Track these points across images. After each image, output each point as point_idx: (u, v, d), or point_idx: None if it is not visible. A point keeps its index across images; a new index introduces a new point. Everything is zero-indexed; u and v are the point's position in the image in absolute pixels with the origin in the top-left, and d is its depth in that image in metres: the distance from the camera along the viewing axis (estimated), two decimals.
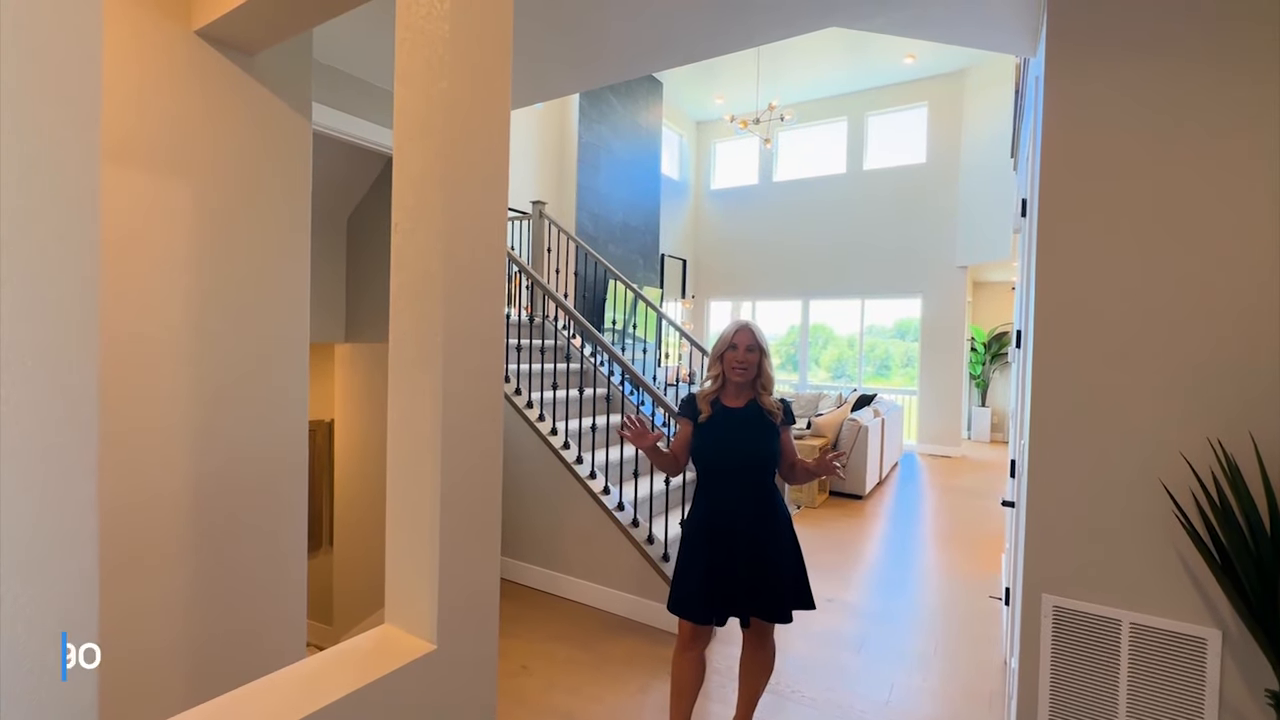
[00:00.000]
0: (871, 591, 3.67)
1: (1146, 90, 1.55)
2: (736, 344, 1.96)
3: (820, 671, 2.73)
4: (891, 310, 9.30)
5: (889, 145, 8.66)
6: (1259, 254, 1.43)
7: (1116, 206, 1.59)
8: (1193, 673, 1.51)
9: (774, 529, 1.94)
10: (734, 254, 9.67)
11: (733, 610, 1.96)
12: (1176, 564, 1.53)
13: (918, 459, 8.06)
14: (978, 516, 5.34)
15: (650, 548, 3.14)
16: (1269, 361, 1.42)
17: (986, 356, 9.56)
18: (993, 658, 2.86)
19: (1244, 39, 1.44)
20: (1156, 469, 1.53)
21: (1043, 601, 1.68)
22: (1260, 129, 1.43)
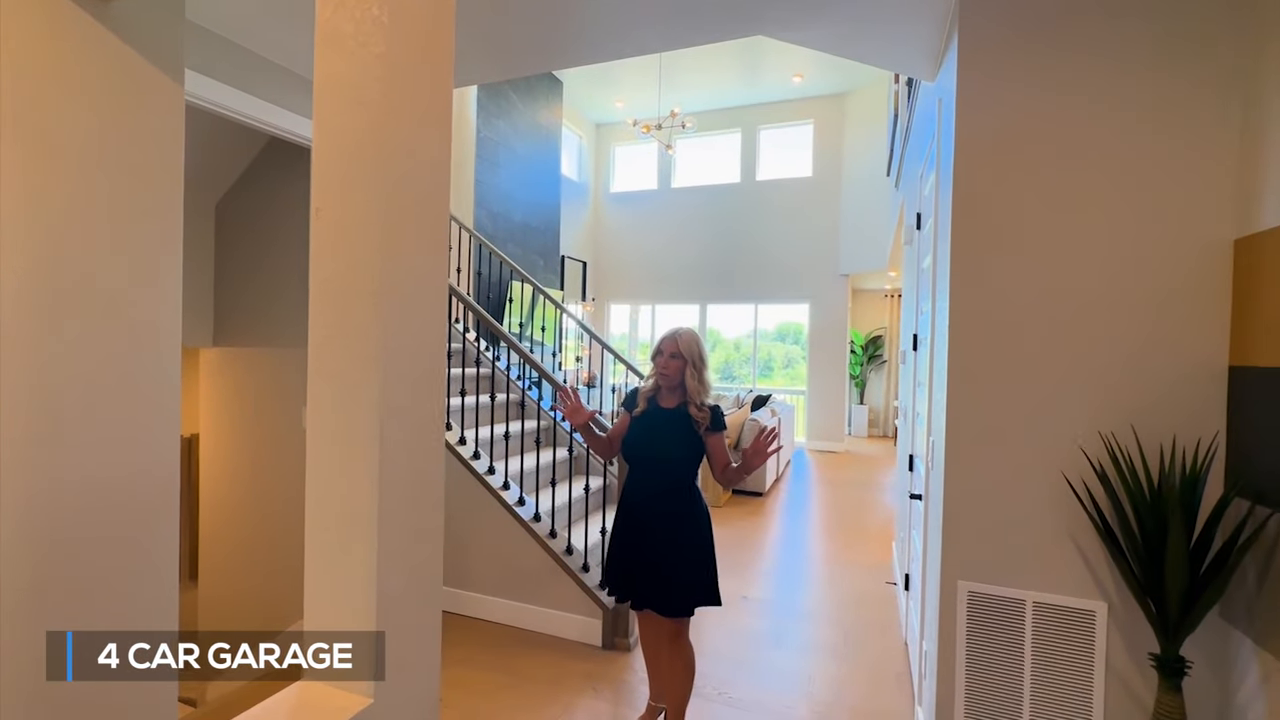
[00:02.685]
0: (781, 586, 3.80)
1: (1048, 116, 1.71)
2: (662, 349, 2.09)
3: (744, 670, 2.77)
4: (780, 315, 9.81)
5: (779, 158, 9.14)
6: (1139, 270, 1.62)
7: (1020, 223, 1.74)
8: (1084, 642, 1.68)
9: (680, 525, 2.04)
10: (634, 258, 9.75)
11: (643, 596, 2.07)
12: (1071, 547, 1.70)
13: (807, 455, 8.56)
14: (865, 507, 5.74)
15: (569, 558, 3.04)
16: (1146, 363, 1.61)
17: (864, 358, 10.38)
18: (895, 641, 3.06)
19: (1148, 93, 1.63)
20: (1058, 462, 1.69)
21: (959, 588, 1.80)
22: (1151, 165, 1.63)
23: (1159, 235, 1.61)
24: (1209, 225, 1.56)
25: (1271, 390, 1.40)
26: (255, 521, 3.19)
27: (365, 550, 0.96)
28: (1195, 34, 1.57)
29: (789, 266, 8.88)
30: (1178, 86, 1.59)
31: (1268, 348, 1.41)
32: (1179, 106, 1.59)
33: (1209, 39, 1.56)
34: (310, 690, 1.00)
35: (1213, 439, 1.54)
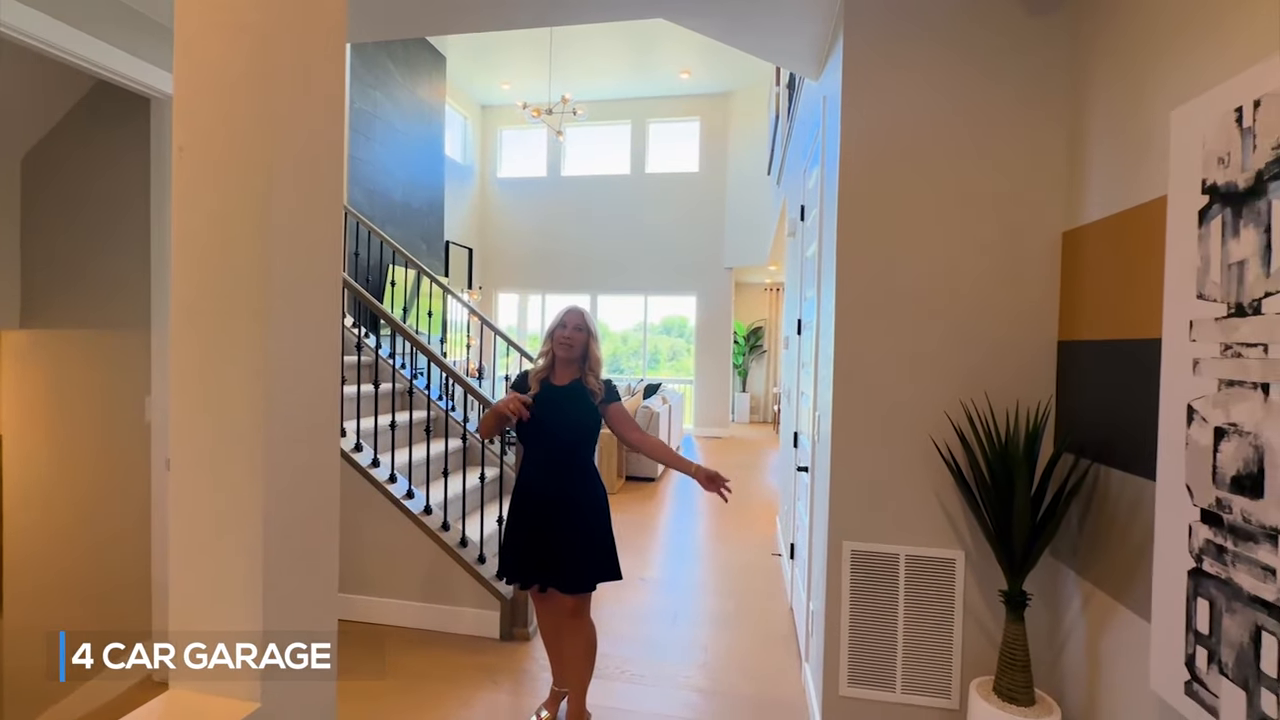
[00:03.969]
0: (676, 565, 3.92)
1: (922, 118, 1.88)
2: (566, 323, 2.11)
3: (643, 647, 2.82)
4: (667, 308, 10.05)
5: (668, 153, 9.35)
6: (992, 259, 1.84)
7: (897, 216, 1.91)
8: (946, 586, 1.90)
9: (580, 501, 2.07)
10: (523, 246, 9.52)
11: (545, 577, 2.06)
12: (937, 505, 1.90)
13: (695, 441, 8.88)
14: (750, 487, 6.07)
15: (464, 551, 2.91)
16: (997, 339, 1.84)
17: (746, 348, 10.94)
18: (781, 607, 3.27)
19: (1002, 106, 1.84)
20: (927, 428, 1.88)
21: (843, 548, 1.96)
22: (1003, 166, 1.84)
23: (1008, 228, 1.84)
24: (1046, 220, 1.81)
25: (1088, 360, 1.65)
26: (80, 534, 2.73)
27: (247, 543, 0.85)
28: (1037, 62, 1.81)
29: (677, 259, 9.12)
30: (1024, 101, 1.82)
31: (1086, 324, 1.67)
32: (1024, 117, 1.82)
33: (1047, 66, 1.80)
34: (181, 699, 0.87)
35: (1046, 403, 1.79)
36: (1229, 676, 1.12)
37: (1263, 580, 1.04)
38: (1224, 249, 1.13)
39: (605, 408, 2.13)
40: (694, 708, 2.36)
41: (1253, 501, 1.07)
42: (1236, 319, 1.11)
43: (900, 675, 1.93)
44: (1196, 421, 1.20)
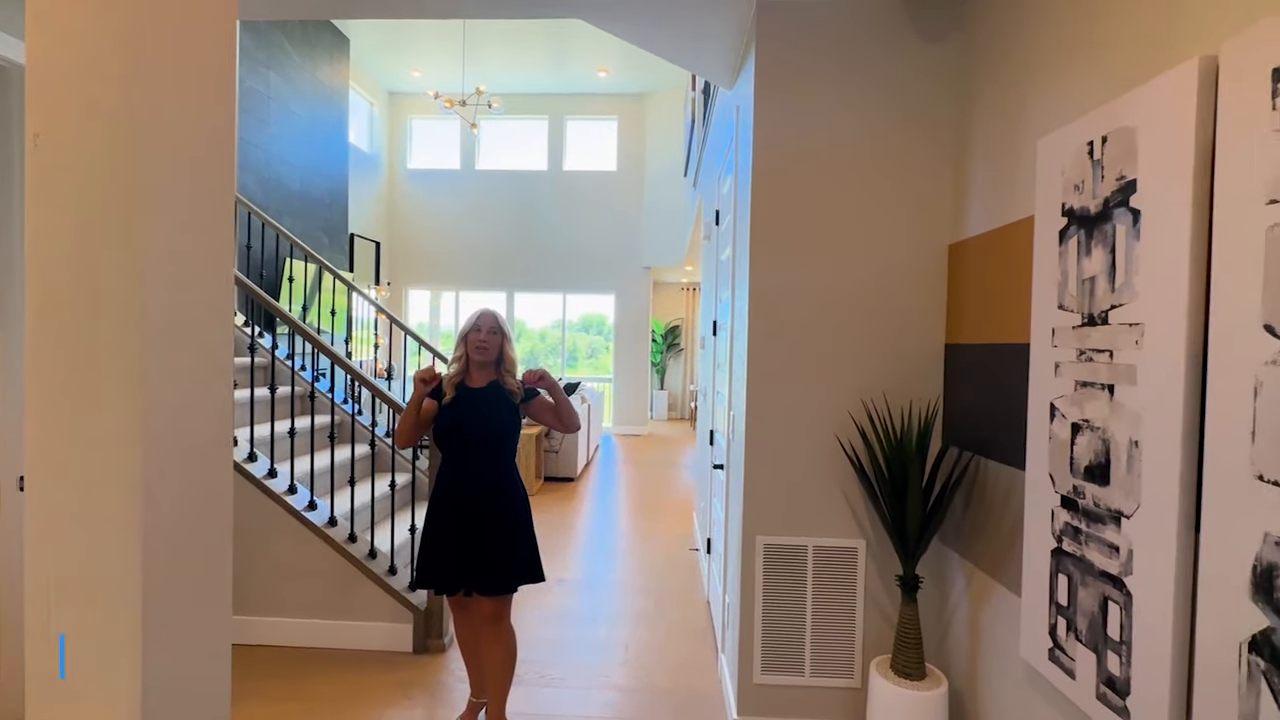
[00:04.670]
0: (594, 565, 3.92)
1: (830, 134, 1.99)
2: (480, 326, 2.08)
3: (562, 650, 2.81)
4: (586, 306, 10.03)
5: (586, 150, 9.31)
6: (890, 269, 1.98)
7: (807, 226, 2.01)
8: (849, 574, 2.03)
9: (502, 502, 2.05)
10: (435, 240, 9.17)
11: (467, 582, 2.03)
12: (841, 498, 2.02)
13: (614, 439, 8.92)
14: (668, 484, 6.18)
15: (373, 563, 2.78)
16: (895, 343, 1.99)
17: (664, 346, 11.12)
18: (699, 601, 3.36)
19: (899, 130, 1.97)
20: (833, 426, 2.00)
21: (756, 542, 2.05)
22: (899, 184, 1.98)
23: (904, 240, 1.98)
24: (935, 233, 1.97)
25: (971, 361, 1.82)
26: None
27: (122, 585, 0.77)
28: (930, 86, 1.96)
29: (596, 257, 9.11)
30: (919, 121, 1.97)
31: (969, 329, 1.83)
32: (918, 137, 1.97)
33: (939, 90, 1.96)
34: None
35: (935, 402, 1.95)
36: (1083, 642, 1.27)
37: (1109, 557, 1.19)
38: (1079, 266, 1.28)
39: (527, 405, 2.13)
40: (615, 706, 2.38)
41: (1101, 488, 1.22)
42: (1089, 328, 1.26)
43: (809, 660, 2.04)
44: (1058, 418, 1.35)
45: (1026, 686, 1.51)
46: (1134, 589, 1.13)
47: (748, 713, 2.06)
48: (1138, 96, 1.13)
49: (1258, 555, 0.90)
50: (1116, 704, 1.17)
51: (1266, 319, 0.89)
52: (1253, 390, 0.91)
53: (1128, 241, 1.15)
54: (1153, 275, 1.09)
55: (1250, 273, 0.91)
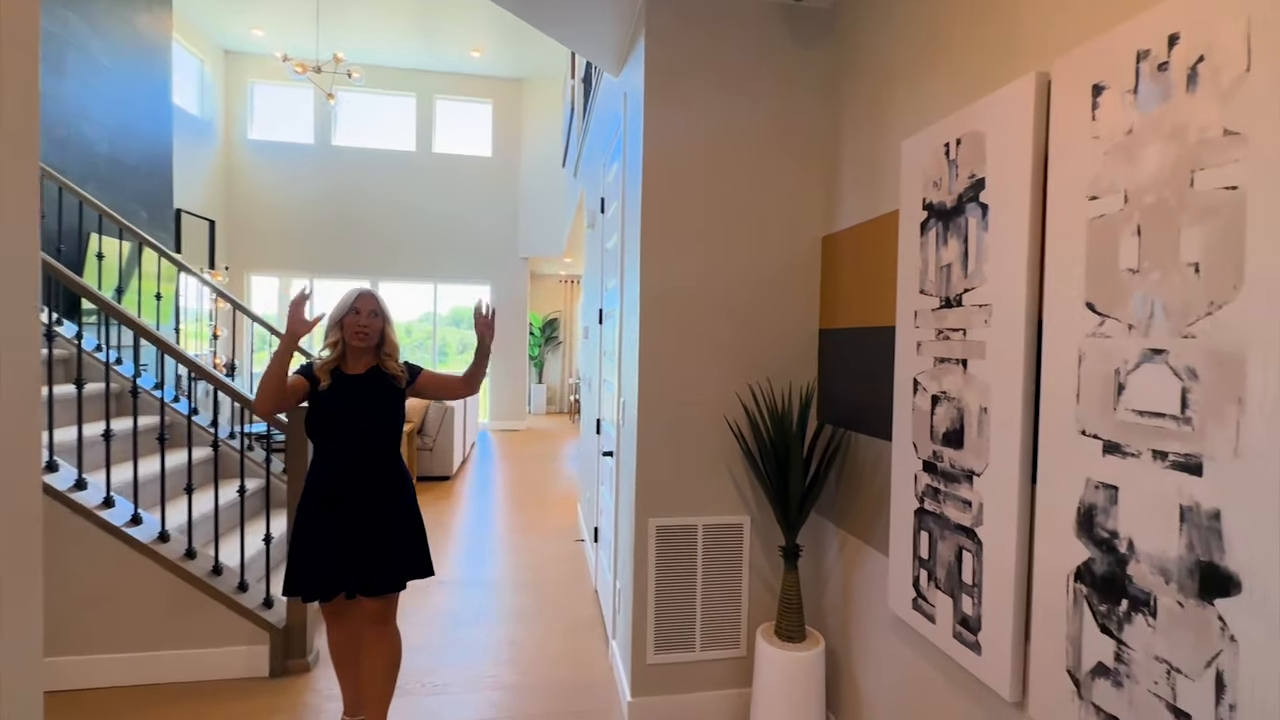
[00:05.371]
0: (476, 564, 3.76)
1: (718, 127, 2.05)
2: (359, 309, 1.90)
3: (445, 654, 2.66)
4: (458, 297, 9.57)
5: (459, 133, 8.85)
6: (773, 259, 2.09)
7: (696, 216, 2.05)
8: (736, 548, 2.12)
9: (389, 494, 1.92)
10: (285, 221, 8.24)
11: (350, 583, 1.87)
12: (728, 477, 2.11)
13: (490, 436, 8.63)
14: (550, 478, 6.10)
15: (218, 580, 2.44)
16: (777, 329, 2.10)
17: (542, 339, 10.94)
18: (586, 591, 3.35)
19: (778, 129, 2.06)
20: (721, 408, 2.07)
21: (649, 524, 2.07)
22: (781, 178, 2.08)
23: (784, 231, 2.10)
24: (811, 225, 2.11)
25: (842, 344, 1.97)
26: None
27: None
28: (806, 85, 2.09)
29: (471, 246, 8.73)
30: (797, 117, 2.09)
31: (841, 314, 1.99)
32: (796, 132, 2.09)
33: (813, 90, 2.09)
34: None
35: (812, 383, 2.10)
36: (941, 589, 1.43)
37: (963, 511, 1.35)
38: (938, 254, 1.43)
39: (414, 387, 1.99)
40: (502, 706, 2.30)
41: (957, 451, 1.37)
42: (946, 309, 1.41)
43: (699, 635, 2.11)
44: (920, 391, 1.50)
45: (893, 636, 1.68)
46: (984, 538, 1.29)
47: (642, 693, 2.09)
48: (986, 104, 1.29)
49: (1081, 498, 1.06)
50: (969, 640, 1.33)
51: (1088, 298, 1.05)
52: (1077, 359, 1.07)
53: (978, 232, 1.30)
54: (999, 262, 1.24)
55: (1076, 258, 1.07)
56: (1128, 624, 0.97)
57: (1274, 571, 0.78)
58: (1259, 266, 0.80)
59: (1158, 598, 0.93)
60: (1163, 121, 0.92)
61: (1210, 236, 0.86)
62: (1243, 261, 0.82)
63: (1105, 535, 1.01)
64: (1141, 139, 0.95)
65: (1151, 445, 0.93)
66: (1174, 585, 0.90)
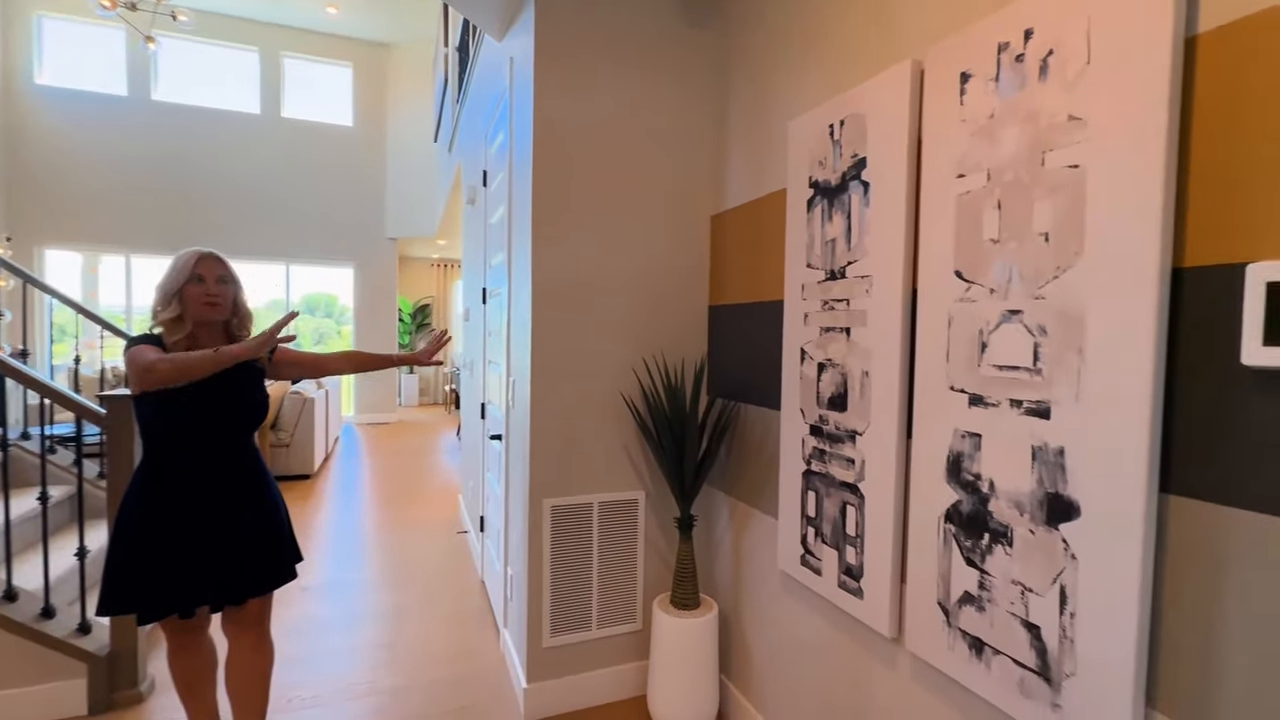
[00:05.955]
0: (346, 566, 3.46)
1: (613, 99, 2.01)
2: (203, 275, 1.61)
3: (315, 665, 2.42)
4: (316, 281, 8.72)
5: (312, 97, 8.00)
6: (666, 236, 2.10)
7: (590, 191, 2.01)
8: (631, 524, 2.13)
9: (260, 486, 1.70)
10: (89, 186, 6.96)
11: (211, 594, 1.61)
12: (624, 456, 2.11)
13: (356, 430, 7.99)
14: (426, 471, 5.76)
15: (12, 607, 2.01)
16: (671, 305, 2.12)
17: (413, 326, 10.29)
18: (472, 583, 3.21)
19: (684, 87, 2.06)
20: (616, 384, 2.06)
21: (544, 505, 2.02)
22: (674, 157, 2.09)
23: (676, 209, 2.12)
24: (701, 204, 2.15)
25: (731, 320, 2.04)
26: None
27: None
28: (696, 67, 2.11)
29: (330, 224, 7.95)
30: (687, 98, 2.11)
31: (730, 291, 2.05)
32: (687, 112, 2.11)
33: (703, 72, 2.12)
34: None
35: (703, 358, 2.15)
36: (827, 543, 1.53)
37: (847, 469, 1.45)
38: (823, 230, 1.52)
39: (273, 365, 1.75)
40: (384, 712, 2.13)
41: (841, 414, 1.47)
42: (831, 282, 1.50)
43: (596, 613, 2.10)
44: (807, 360, 1.59)
45: (782, 593, 1.78)
46: (866, 492, 1.39)
47: (539, 678, 2.04)
48: (867, 88, 1.38)
49: (950, 447, 1.18)
50: (853, 587, 1.44)
51: (956, 266, 1.16)
52: (947, 322, 1.18)
53: (860, 209, 1.39)
54: (879, 235, 1.34)
55: (946, 231, 1.18)
56: (989, 555, 1.10)
57: (1105, 495, 0.91)
58: (1095, 235, 0.93)
59: (1014, 529, 1.05)
60: (1019, 107, 1.04)
61: (1058, 209, 0.98)
62: (1083, 231, 0.94)
63: (971, 479, 1.13)
64: (1002, 122, 1.07)
65: (1009, 395, 1.06)
66: (1027, 516, 1.03)
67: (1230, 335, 0.80)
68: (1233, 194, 0.81)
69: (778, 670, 1.80)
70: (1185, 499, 0.85)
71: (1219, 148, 0.82)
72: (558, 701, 2.06)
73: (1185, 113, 0.85)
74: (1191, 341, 0.85)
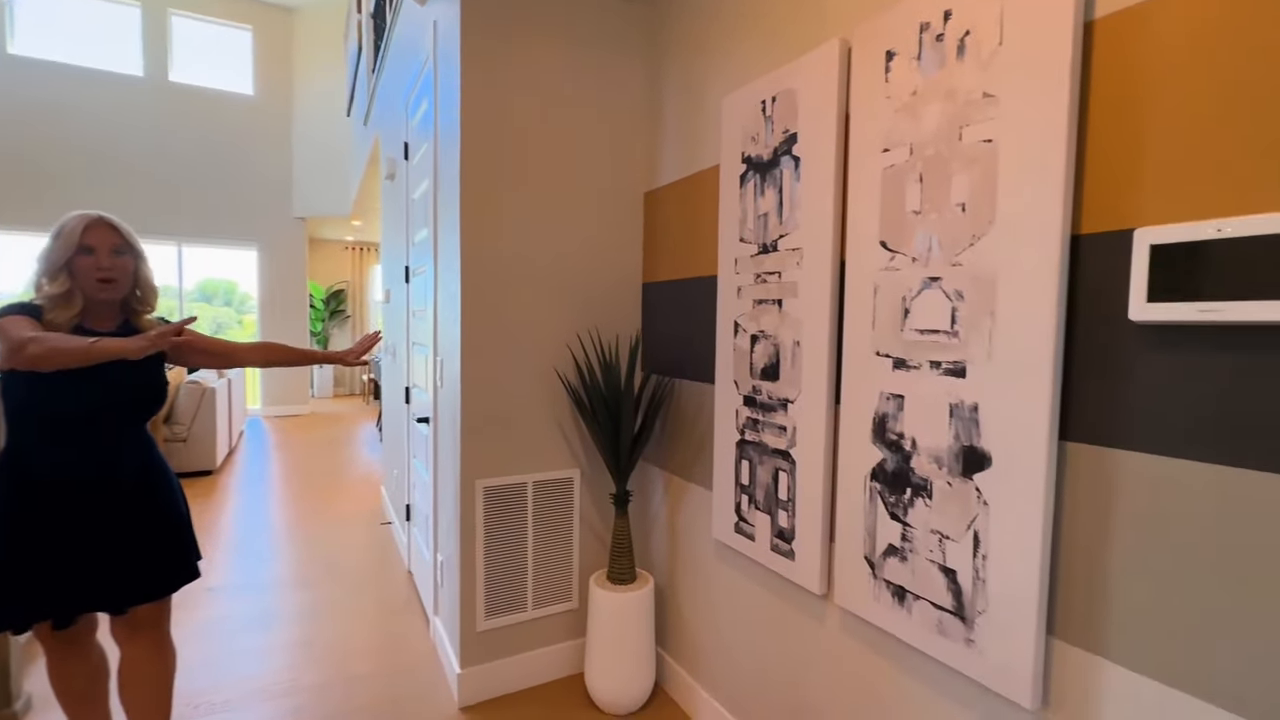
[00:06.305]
0: (256, 566, 3.24)
1: (544, 71, 1.95)
2: (93, 246, 1.41)
3: (225, 667, 2.25)
4: (212, 265, 8.03)
5: (206, 61, 7.31)
6: (600, 212, 2.08)
7: (524, 164, 1.95)
8: (566, 502, 2.11)
9: (155, 481, 1.54)
10: None
11: (91, 602, 1.45)
12: (558, 434, 2.08)
13: (264, 423, 7.47)
14: (344, 464, 5.47)
15: None
16: (604, 281, 2.10)
17: (325, 313, 9.69)
18: (398, 574, 3.08)
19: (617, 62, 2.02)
20: (551, 361, 2.02)
21: (476, 486, 1.96)
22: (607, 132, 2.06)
23: (610, 185, 2.10)
24: (635, 183, 2.14)
25: (665, 297, 2.06)
26: None
27: None
28: (630, 41, 2.09)
29: (229, 202, 7.33)
30: (620, 73, 2.08)
31: (661, 268, 2.07)
32: (619, 88, 2.09)
33: (636, 46, 2.10)
34: None
35: (637, 335, 2.16)
36: (760, 509, 1.58)
37: (779, 436, 1.50)
38: (756, 204, 1.55)
39: (175, 348, 1.58)
40: (304, 710, 2.02)
41: (773, 383, 1.52)
42: (763, 255, 1.54)
43: (531, 594, 2.07)
44: (741, 332, 1.63)
45: (717, 562, 1.82)
46: (797, 457, 1.45)
47: (473, 662, 1.99)
48: (798, 65, 1.41)
49: (876, 409, 1.24)
50: (785, 549, 1.50)
51: (882, 237, 1.22)
52: (873, 290, 1.24)
53: (792, 183, 1.44)
54: (809, 209, 1.39)
55: (871, 203, 1.23)
56: (911, 508, 1.17)
57: (1013, 445, 0.99)
58: (1006, 205, 1.00)
59: (933, 482, 1.13)
60: (940, 84, 1.10)
61: (973, 182, 1.04)
62: (995, 202, 1.01)
63: (894, 438, 1.20)
64: (924, 99, 1.13)
65: (929, 357, 1.13)
66: (945, 469, 1.11)
67: (1120, 294, 0.89)
68: (1124, 166, 0.89)
69: (713, 637, 1.85)
70: (1081, 445, 0.94)
71: (1113, 124, 0.90)
72: (493, 685, 2.03)
73: (1084, 92, 0.93)
74: (1087, 302, 0.93)
